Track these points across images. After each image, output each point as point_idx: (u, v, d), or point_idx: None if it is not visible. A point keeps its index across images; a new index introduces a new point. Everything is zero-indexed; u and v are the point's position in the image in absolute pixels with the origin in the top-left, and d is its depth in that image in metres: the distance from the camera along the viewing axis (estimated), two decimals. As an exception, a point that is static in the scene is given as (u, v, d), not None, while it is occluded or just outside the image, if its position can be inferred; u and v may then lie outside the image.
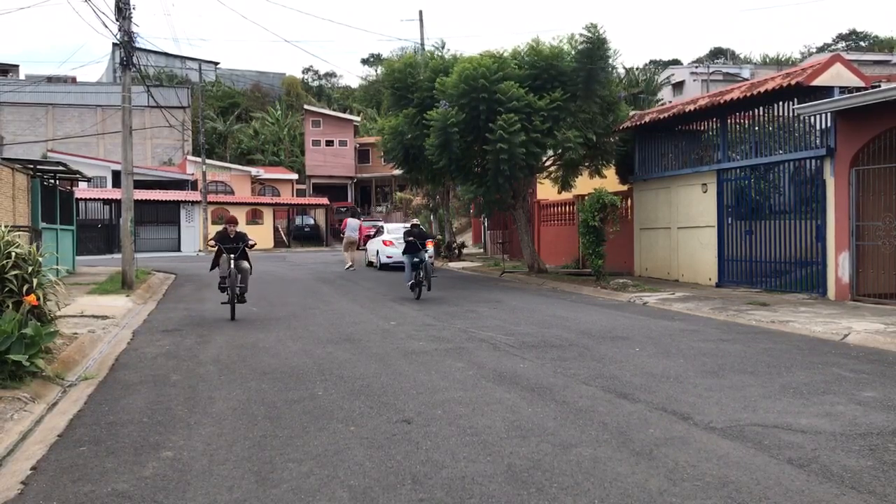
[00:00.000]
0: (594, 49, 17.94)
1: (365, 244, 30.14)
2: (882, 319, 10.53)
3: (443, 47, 21.39)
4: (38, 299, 7.99)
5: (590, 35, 17.91)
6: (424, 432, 5.23)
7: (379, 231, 26.73)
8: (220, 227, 13.70)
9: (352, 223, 26.48)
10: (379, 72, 58.43)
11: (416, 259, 15.01)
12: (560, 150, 18.54)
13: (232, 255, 11.84)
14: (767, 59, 59.21)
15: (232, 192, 47.86)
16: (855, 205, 13.07)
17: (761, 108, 15.59)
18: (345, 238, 26.04)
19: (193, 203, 42.22)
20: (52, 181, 19.41)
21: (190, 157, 48.44)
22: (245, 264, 12.06)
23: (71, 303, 12.33)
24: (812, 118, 14.16)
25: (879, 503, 3.85)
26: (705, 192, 16.91)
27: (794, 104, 14.17)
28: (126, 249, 16.90)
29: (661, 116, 17.96)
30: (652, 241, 19.13)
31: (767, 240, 15.14)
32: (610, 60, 18.60)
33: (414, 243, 15.06)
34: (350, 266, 24.64)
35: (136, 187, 19.85)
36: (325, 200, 49.47)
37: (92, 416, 5.91)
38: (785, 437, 5.03)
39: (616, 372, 7.36)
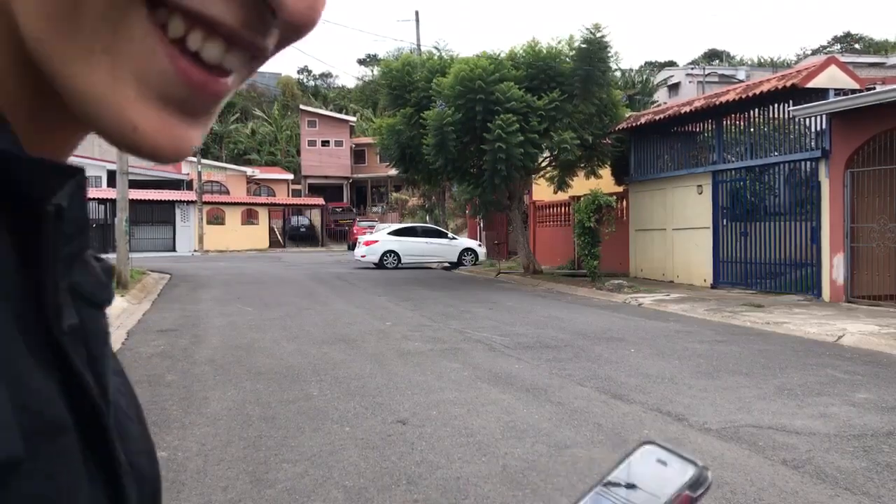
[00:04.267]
0: (594, 50, 17.96)
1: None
2: (876, 321, 10.56)
3: (443, 47, 21.44)
4: (33, 299, 7.96)
5: (591, 36, 17.92)
6: (419, 433, 5.22)
7: (373, 230, 26.83)
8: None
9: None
10: (375, 72, 58.47)
11: None
12: (556, 151, 18.57)
13: None
14: (763, 62, 59.38)
15: (227, 192, 47.78)
16: (850, 207, 13.10)
17: (756, 110, 15.62)
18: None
19: (189, 203, 42.14)
20: (47, 180, 19.34)
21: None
22: None
23: (65, 302, 12.26)
24: (807, 120, 14.19)
25: (873, 504, 3.86)
26: (700, 193, 16.93)
27: (789, 106, 14.21)
28: (121, 249, 16.86)
29: (657, 118, 17.98)
30: (647, 243, 19.15)
31: (762, 241, 15.17)
32: (609, 63, 18.64)
33: None
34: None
35: (130, 187, 19.79)
36: (320, 201, 49.41)
37: (86, 416, 5.88)
38: (779, 439, 5.04)
39: (611, 373, 7.36)
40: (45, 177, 0.32)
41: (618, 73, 24.82)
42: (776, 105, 14.92)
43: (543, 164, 20.70)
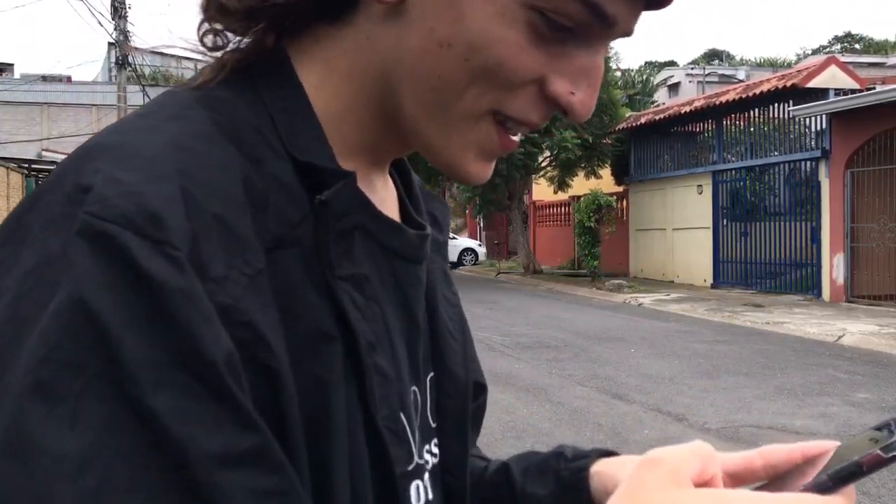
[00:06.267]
0: None
1: None
2: (876, 321, 10.56)
3: None
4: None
5: None
6: (419, 433, 5.22)
7: None
8: None
9: None
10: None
11: None
12: (556, 151, 18.57)
13: None
14: (763, 62, 59.39)
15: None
16: (850, 207, 13.10)
17: (757, 110, 15.62)
18: None
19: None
20: (47, 180, 19.37)
21: (185, 157, 48.34)
22: None
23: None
24: (807, 120, 14.20)
25: (873, 504, 3.86)
26: (700, 193, 16.93)
27: (789, 106, 14.21)
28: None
29: (657, 118, 17.99)
30: (647, 243, 19.15)
31: (762, 241, 15.17)
32: (609, 62, 18.65)
33: None
34: None
35: (131, 187, 19.82)
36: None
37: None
38: (780, 439, 5.03)
39: (611, 373, 7.36)
40: (325, 180, 0.48)
41: (618, 73, 24.81)
42: (776, 105, 14.92)
43: (543, 164, 20.70)
